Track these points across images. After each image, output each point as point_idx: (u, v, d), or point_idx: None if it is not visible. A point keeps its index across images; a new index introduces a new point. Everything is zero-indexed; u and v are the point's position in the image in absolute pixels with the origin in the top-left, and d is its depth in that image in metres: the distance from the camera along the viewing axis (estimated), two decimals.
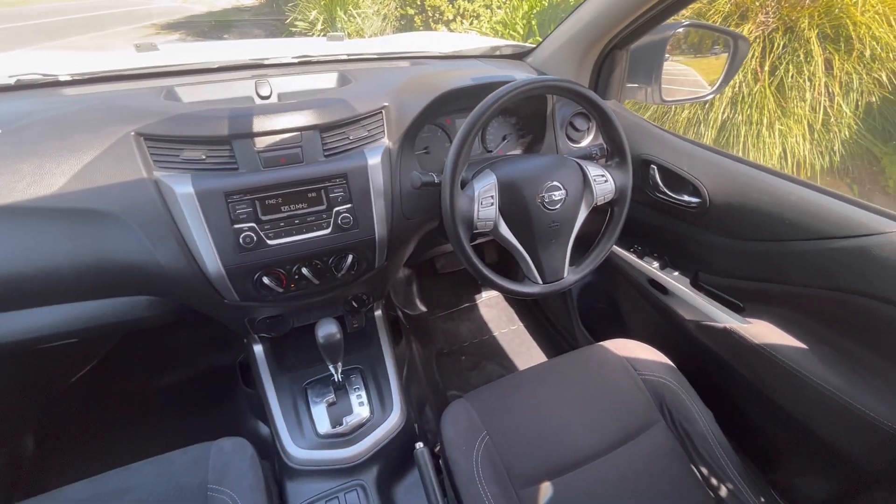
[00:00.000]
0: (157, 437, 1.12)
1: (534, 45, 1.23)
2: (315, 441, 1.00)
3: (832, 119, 2.87)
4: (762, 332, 0.87)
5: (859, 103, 2.85)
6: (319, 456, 0.98)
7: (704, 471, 0.80)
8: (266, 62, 1.02)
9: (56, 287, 0.74)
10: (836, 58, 2.75)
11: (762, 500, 0.76)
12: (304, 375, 1.11)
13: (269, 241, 0.78)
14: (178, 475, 0.77)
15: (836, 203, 0.73)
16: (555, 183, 0.80)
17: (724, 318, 0.94)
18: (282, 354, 1.14)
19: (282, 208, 0.78)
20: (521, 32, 4.79)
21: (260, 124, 0.75)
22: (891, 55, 2.71)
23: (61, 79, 0.90)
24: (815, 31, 2.74)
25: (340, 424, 1.01)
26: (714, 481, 0.79)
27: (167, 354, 1.48)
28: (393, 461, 1.03)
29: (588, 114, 1.11)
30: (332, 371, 1.02)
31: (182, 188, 0.71)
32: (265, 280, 0.83)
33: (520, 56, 1.26)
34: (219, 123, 0.73)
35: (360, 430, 1.02)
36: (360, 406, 1.06)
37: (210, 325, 1.00)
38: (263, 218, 0.77)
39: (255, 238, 0.76)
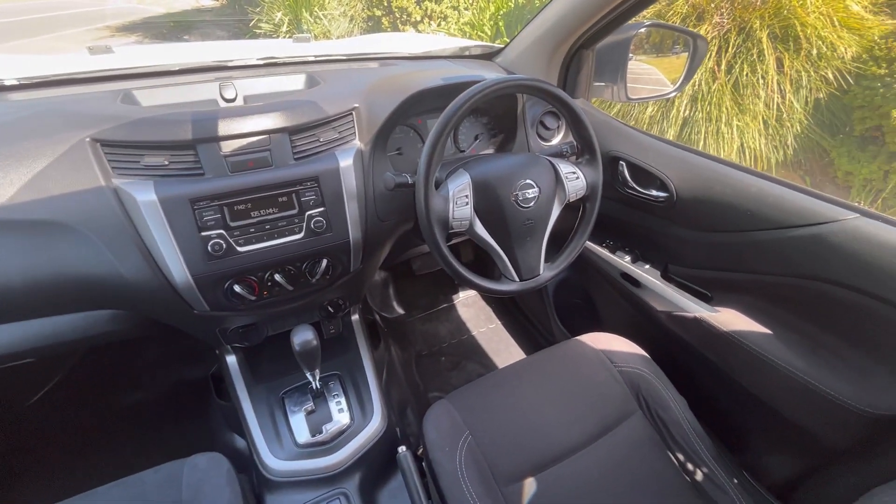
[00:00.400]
0: (125, 459, 1.07)
1: (502, 46, 1.24)
2: (294, 451, 0.98)
3: (785, 115, 3.02)
4: (729, 319, 0.90)
5: (808, 100, 3.02)
6: (299, 466, 0.96)
7: (681, 457, 0.83)
8: (230, 64, 0.99)
9: (8, 304, 0.69)
10: (787, 57, 2.91)
11: (735, 481, 0.79)
12: (281, 384, 1.08)
13: (240, 248, 0.76)
14: (149, 496, 0.73)
15: (793, 194, 0.77)
16: (528, 181, 0.81)
17: (694, 308, 0.97)
18: (256, 364, 1.10)
19: (251, 214, 0.76)
20: (489, 33, 4.84)
21: (226, 127, 0.72)
22: (835, 54, 2.88)
23: (7, 83, 0.85)
24: (766, 32, 2.89)
25: (320, 433, 0.99)
26: (690, 466, 0.82)
27: (134, 370, 1.42)
28: (376, 467, 1.02)
29: (558, 112, 1.13)
30: (310, 378, 1.00)
31: (144, 196, 0.68)
32: (236, 288, 0.80)
33: (488, 56, 1.27)
34: (182, 127, 0.70)
35: (341, 437, 1.00)
36: (339, 413, 1.04)
37: (179, 337, 0.96)
38: (232, 224, 0.75)
39: (224, 245, 0.74)
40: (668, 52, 1.20)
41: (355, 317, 1.19)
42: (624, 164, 1.05)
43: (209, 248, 0.73)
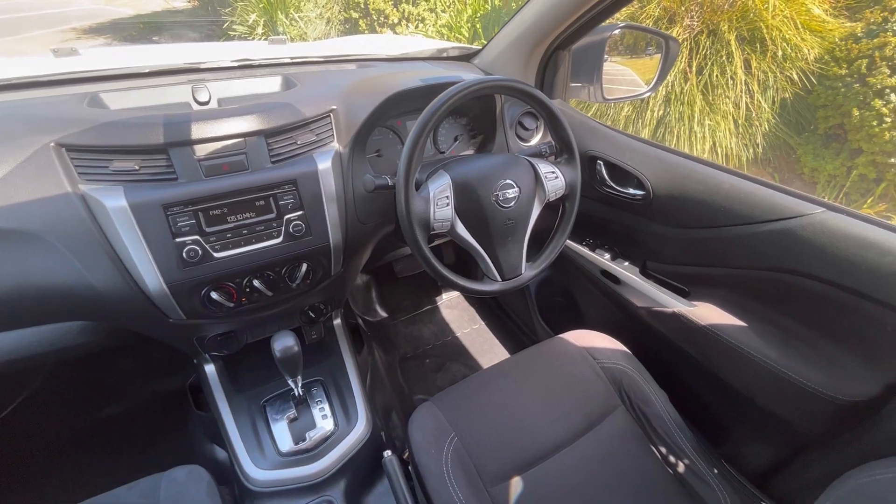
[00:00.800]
0: (100, 476, 1.02)
1: (480, 48, 1.25)
2: (277, 460, 0.96)
3: (753, 114, 3.12)
4: (706, 313, 0.93)
5: (775, 99, 3.13)
6: (282, 475, 0.94)
7: (663, 450, 0.84)
8: (203, 66, 0.97)
9: None
10: (754, 58, 3.01)
11: (715, 471, 0.80)
12: (262, 392, 1.06)
13: (216, 254, 0.74)
14: None
15: (764, 190, 0.79)
16: (508, 181, 0.82)
17: (672, 303, 0.99)
18: (236, 373, 1.08)
19: (228, 218, 0.74)
20: (467, 35, 4.86)
21: (199, 130, 0.70)
22: (799, 55, 3.00)
23: None
24: (734, 34, 2.98)
25: (304, 440, 0.98)
26: (672, 459, 0.83)
27: (107, 383, 1.37)
28: (361, 472, 1.01)
29: (536, 113, 1.14)
30: (292, 385, 0.98)
31: (113, 202, 0.66)
32: (214, 295, 0.78)
33: (466, 58, 1.27)
34: (153, 131, 0.68)
35: (325, 443, 0.99)
36: (323, 419, 1.03)
37: (154, 347, 0.93)
38: (208, 230, 0.73)
39: (199, 252, 0.72)
40: (641, 53, 1.22)
41: (337, 321, 1.18)
42: (602, 163, 1.07)
43: (184, 254, 0.71)
